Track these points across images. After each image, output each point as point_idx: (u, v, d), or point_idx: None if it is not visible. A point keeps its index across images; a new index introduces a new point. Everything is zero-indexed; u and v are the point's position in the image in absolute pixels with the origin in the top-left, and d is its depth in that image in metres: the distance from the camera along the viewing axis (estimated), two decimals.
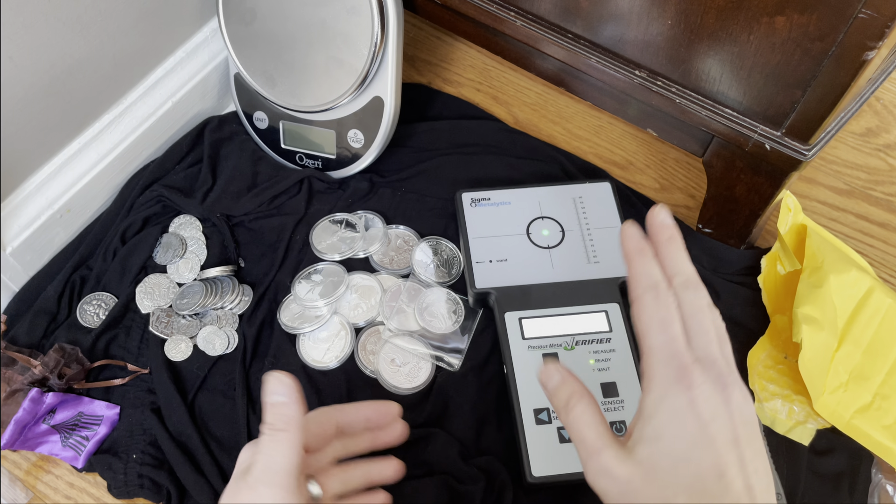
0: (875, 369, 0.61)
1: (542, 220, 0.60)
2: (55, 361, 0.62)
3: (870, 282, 0.64)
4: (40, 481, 0.62)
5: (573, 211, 0.61)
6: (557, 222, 0.60)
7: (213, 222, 0.73)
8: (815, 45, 0.52)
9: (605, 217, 0.61)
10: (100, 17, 0.65)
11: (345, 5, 0.67)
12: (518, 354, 0.54)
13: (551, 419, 0.51)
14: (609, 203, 0.62)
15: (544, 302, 0.56)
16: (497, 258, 0.58)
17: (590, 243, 0.59)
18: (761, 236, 0.75)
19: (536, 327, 0.55)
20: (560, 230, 0.59)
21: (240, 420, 0.62)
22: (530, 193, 0.62)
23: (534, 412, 0.52)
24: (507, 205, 0.61)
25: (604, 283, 0.57)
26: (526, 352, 0.54)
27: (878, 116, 0.83)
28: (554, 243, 0.59)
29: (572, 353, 0.54)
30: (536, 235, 0.59)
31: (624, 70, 0.63)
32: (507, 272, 0.57)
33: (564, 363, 0.48)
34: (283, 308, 0.68)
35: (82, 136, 0.70)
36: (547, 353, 0.54)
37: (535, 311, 0.55)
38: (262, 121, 0.77)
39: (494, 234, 0.59)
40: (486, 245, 0.59)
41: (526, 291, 0.56)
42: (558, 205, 0.61)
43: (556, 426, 0.51)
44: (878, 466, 0.61)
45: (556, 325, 0.55)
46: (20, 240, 0.67)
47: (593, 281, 0.57)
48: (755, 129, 0.60)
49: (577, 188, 0.63)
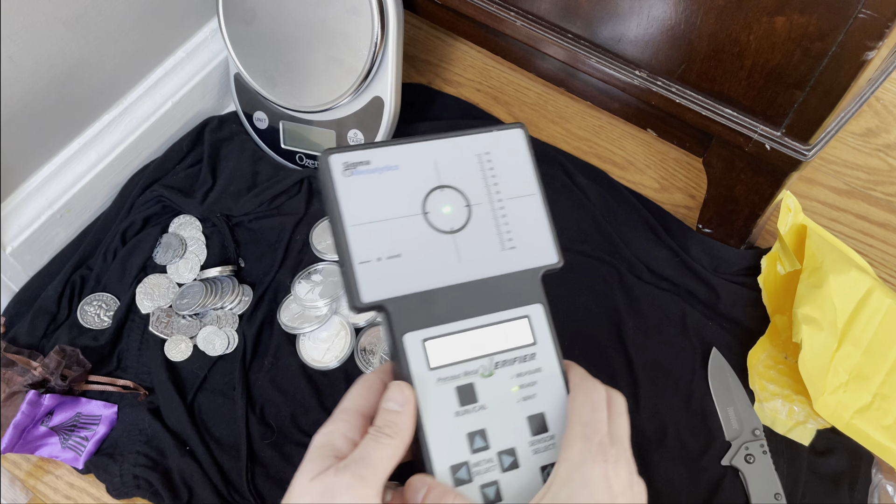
0: (875, 369, 0.61)
1: (441, 192, 0.43)
2: (56, 363, 0.62)
3: (870, 282, 0.64)
4: (40, 482, 0.62)
5: (479, 174, 0.44)
6: (461, 193, 0.43)
7: (213, 222, 0.73)
8: (815, 45, 0.52)
9: (519, 180, 0.45)
10: (100, 18, 0.65)
11: (345, 5, 0.67)
12: (425, 391, 0.40)
13: (471, 477, 0.39)
14: (523, 159, 0.45)
15: (452, 313, 0.41)
16: (387, 254, 0.41)
17: (503, 221, 0.43)
18: (761, 236, 0.75)
19: (444, 350, 0.41)
20: (465, 204, 0.43)
21: (239, 420, 0.62)
22: (422, 150, 0.43)
23: (450, 469, 0.39)
24: (394, 170, 0.43)
25: (523, 276, 0.43)
26: (435, 387, 0.40)
27: (878, 116, 0.83)
28: (459, 225, 0.42)
29: (491, 382, 0.41)
30: (436, 215, 0.42)
31: (624, 70, 0.63)
32: (401, 274, 0.41)
33: (484, 397, 0.40)
34: (282, 308, 0.68)
35: (82, 136, 0.70)
36: (461, 384, 0.40)
37: (442, 328, 0.41)
38: (262, 121, 0.77)
39: (381, 218, 0.42)
40: (371, 235, 0.41)
41: (428, 299, 0.41)
42: (460, 167, 0.44)
43: (479, 484, 0.39)
44: (878, 466, 0.61)
45: (468, 344, 0.41)
46: (20, 240, 0.67)
47: (511, 275, 0.43)
48: (755, 129, 0.60)
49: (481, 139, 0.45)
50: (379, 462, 0.36)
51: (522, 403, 0.41)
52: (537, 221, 0.43)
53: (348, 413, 0.39)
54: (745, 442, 0.61)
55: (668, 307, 0.68)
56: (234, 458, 0.61)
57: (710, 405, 0.64)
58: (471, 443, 0.39)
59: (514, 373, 0.41)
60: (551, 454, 0.40)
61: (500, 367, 0.41)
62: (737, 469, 0.61)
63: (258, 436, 0.62)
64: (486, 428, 0.39)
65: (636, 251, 0.71)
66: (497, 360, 0.41)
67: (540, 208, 0.44)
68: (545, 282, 0.44)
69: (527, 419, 0.41)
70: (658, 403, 0.64)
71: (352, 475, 0.35)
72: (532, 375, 0.42)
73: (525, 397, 0.41)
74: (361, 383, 0.41)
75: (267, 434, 0.62)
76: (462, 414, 0.39)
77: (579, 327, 0.67)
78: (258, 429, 0.62)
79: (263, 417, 0.63)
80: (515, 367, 0.42)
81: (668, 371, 0.65)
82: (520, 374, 0.42)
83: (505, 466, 0.39)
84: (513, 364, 0.42)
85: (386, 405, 0.38)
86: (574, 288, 0.69)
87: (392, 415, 0.38)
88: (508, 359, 0.42)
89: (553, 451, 0.41)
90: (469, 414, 0.39)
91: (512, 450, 0.39)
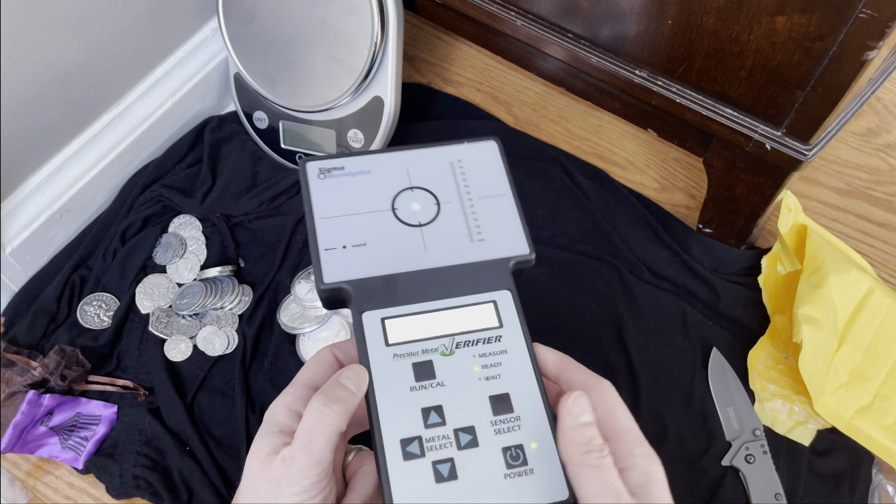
0: (875, 369, 0.61)
1: (411, 192, 0.46)
2: (55, 363, 0.62)
3: (870, 282, 0.64)
4: (40, 482, 0.62)
5: (451, 178, 0.47)
6: (431, 193, 0.46)
7: (213, 222, 0.73)
8: (816, 44, 0.52)
9: (491, 183, 0.47)
10: (99, 18, 0.65)
11: (345, 5, 0.67)
12: (380, 366, 0.41)
13: (424, 451, 0.39)
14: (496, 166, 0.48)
15: (414, 295, 0.43)
16: (353, 242, 0.44)
17: (472, 217, 0.45)
18: (762, 236, 0.75)
19: (404, 329, 0.42)
20: (434, 202, 0.46)
21: (239, 420, 0.62)
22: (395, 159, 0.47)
23: (400, 443, 0.39)
24: (366, 174, 0.47)
25: (492, 265, 0.44)
26: (391, 362, 0.41)
27: (878, 116, 0.83)
28: (427, 219, 0.45)
29: (451, 360, 0.41)
30: (404, 211, 0.45)
31: (624, 70, 0.63)
32: (365, 260, 0.44)
33: (442, 374, 0.40)
34: (282, 308, 0.68)
35: (82, 136, 0.70)
36: (418, 361, 0.41)
37: (403, 308, 0.43)
38: (262, 121, 0.77)
39: (349, 213, 0.45)
40: (339, 227, 0.45)
41: (390, 283, 0.43)
42: (432, 172, 0.47)
43: (431, 460, 0.38)
44: (879, 467, 0.61)
45: (429, 325, 0.42)
46: (20, 240, 0.67)
47: (478, 264, 0.44)
48: (755, 128, 0.60)
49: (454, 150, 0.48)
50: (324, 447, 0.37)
51: (485, 382, 0.41)
52: (508, 217, 0.43)
53: (295, 385, 0.40)
54: (745, 442, 0.61)
55: (668, 307, 0.68)
56: (234, 458, 0.61)
57: (711, 405, 0.64)
58: (425, 417, 0.38)
59: (476, 353, 0.41)
60: (515, 436, 0.39)
61: (461, 347, 0.42)
62: (737, 469, 0.61)
63: None
64: (443, 404, 0.39)
65: (636, 251, 0.71)
66: (458, 340, 0.42)
67: (511, 206, 0.44)
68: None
69: (489, 398, 0.40)
70: (658, 403, 0.64)
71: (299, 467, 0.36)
72: (497, 357, 0.42)
73: (488, 377, 0.41)
74: (313, 358, 0.41)
75: None
76: (417, 389, 0.39)
77: (579, 327, 0.67)
78: (258, 429, 0.62)
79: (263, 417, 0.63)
80: (478, 348, 0.42)
81: (668, 371, 0.65)
82: (483, 354, 0.41)
83: (462, 444, 0.38)
84: (475, 345, 0.42)
85: (342, 380, 0.38)
86: (574, 288, 0.69)
87: (345, 392, 0.38)
88: (471, 339, 0.42)
89: (517, 434, 0.40)
90: (425, 390, 0.39)
91: (471, 428, 0.39)
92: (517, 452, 0.39)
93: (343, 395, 0.37)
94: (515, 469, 0.38)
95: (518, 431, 0.39)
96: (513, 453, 0.39)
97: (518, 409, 0.40)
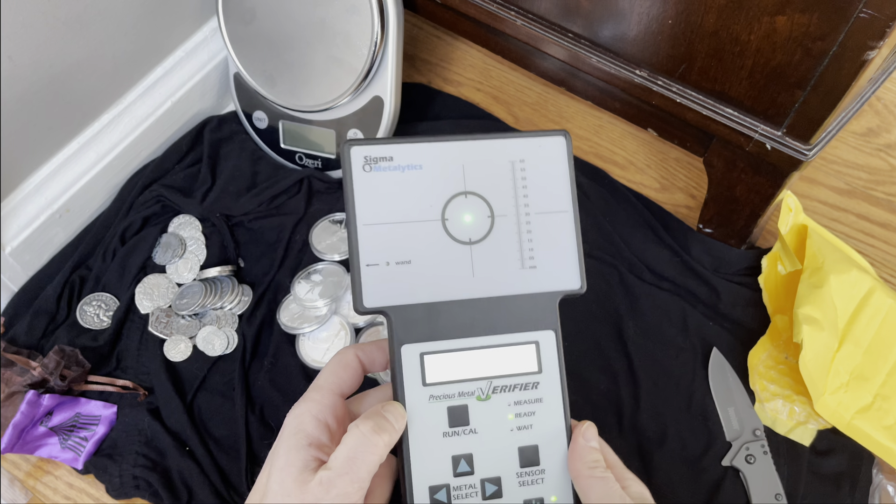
0: (876, 370, 0.61)
1: (464, 198, 0.41)
2: (55, 363, 0.62)
3: (870, 282, 0.64)
4: (40, 482, 0.62)
5: (510, 183, 0.41)
6: (486, 201, 0.41)
7: (213, 222, 0.73)
8: (816, 44, 0.52)
9: (553, 195, 0.42)
10: (99, 17, 0.65)
11: (345, 5, 0.67)
12: (416, 406, 0.39)
13: (451, 500, 0.38)
14: (561, 172, 0.42)
15: (457, 329, 0.40)
16: (397, 259, 0.40)
17: (527, 237, 0.41)
18: (762, 236, 0.75)
19: (442, 367, 0.40)
20: (489, 214, 0.41)
21: (239, 420, 0.62)
22: (452, 152, 0.41)
23: (429, 490, 0.38)
24: (418, 170, 0.41)
25: (540, 299, 0.41)
26: (426, 403, 0.39)
27: (878, 116, 0.83)
28: (479, 236, 0.40)
29: (486, 406, 0.40)
30: (455, 223, 0.40)
31: (625, 69, 0.63)
32: (408, 282, 0.40)
33: (476, 421, 0.39)
34: (282, 308, 0.67)
35: (81, 136, 0.70)
36: (454, 405, 0.39)
37: (443, 344, 0.40)
38: (262, 120, 0.77)
39: (396, 220, 0.40)
40: (383, 237, 0.40)
41: (433, 312, 0.40)
42: (490, 173, 0.41)
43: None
44: (879, 467, 0.61)
45: (468, 364, 0.40)
46: (19, 240, 0.67)
47: (526, 296, 0.41)
48: (756, 128, 0.60)
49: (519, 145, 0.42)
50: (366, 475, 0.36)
51: (516, 433, 0.40)
52: (565, 241, 0.41)
53: (321, 392, 0.38)
54: (745, 442, 0.61)
55: (668, 307, 0.68)
56: (234, 458, 0.61)
57: (711, 405, 0.64)
58: (455, 466, 0.38)
59: (512, 400, 0.40)
60: (538, 489, 0.39)
61: (497, 392, 0.40)
62: (737, 469, 0.61)
63: (258, 436, 0.62)
64: (474, 453, 0.39)
65: (636, 251, 0.71)
66: (496, 385, 0.40)
67: (570, 227, 0.41)
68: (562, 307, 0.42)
69: (518, 449, 0.40)
70: (658, 404, 0.64)
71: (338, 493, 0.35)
72: (531, 405, 0.40)
73: (520, 427, 0.40)
74: (337, 360, 0.40)
75: (266, 434, 0.62)
76: (451, 435, 0.39)
77: (579, 327, 0.67)
78: (258, 429, 0.62)
79: (263, 418, 0.63)
80: (514, 395, 0.40)
81: (668, 371, 0.65)
82: (518, 402, 0.40)
83: (487, 494, 0.38)
84: (512, 391, 0.40)
85: (387, 415, 0.37)
86: None
87: (389, 425, 0.37)
88: (508, 385, 0.40)
89: (540, 487, 0.40)
90: (458, 436, 0.39)
91: (497, 479, 0.39)
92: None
93: (388, 427, 0.37)
94: None
95: (541, 485, 0.40)
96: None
97: (544, 463, 0.40)
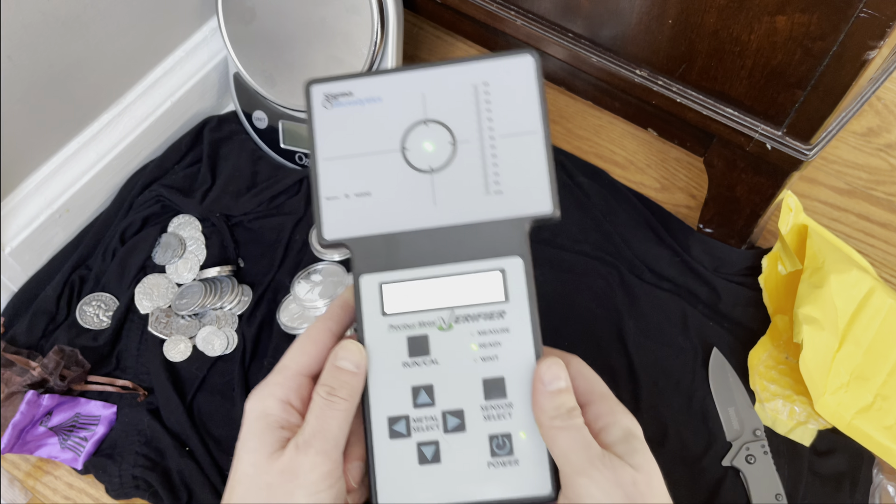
0: (876, 370, 0.61)
1: (425, 126, 0.40)
2: (55, 363, 0.62)
3: (871, 282, 0.64)
4: (39, 482, 0.62)
5: (473, 108, 0.40)
6: (447, 128, 0.40)
7: (213, 222, 0.72)
8: (817, 44, 0.52)
9: (519, 116, 0.40)
10: (99, 17, 0.65)
11: (345, 4, 0.67)
12: (375, 337, 0.39)
13: (410, 431, 0.38)
14: (529, 93, 0.40)
15: (417, 258, 0.39)
16: (356, 191, 0.40)
17: (492, 161, 0.39)
18: (762, 236, 0.74)
19: (402, 297, 0.39)
20: (450, 141, 0.40)
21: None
22: (411, 82, 0.41)
23: (388, 421, 0.38)
24: (377, 102, 0.41)
25: (506, 225, 0.39)
26: (385, 333, 0.39)
27: (879, 116, 0.83)
28: (439, 164, 0.40)
29: (448, 336, 0.38)
30: (415, 152, 0.40)
31: (625, 69, 0.63)
32: (368, 213, 0.40)
33: (437, 351, 0.38)
34: (282, 308, 0.67)
35: (81, 136, 0.70)
36: (414, 335, 0.38)
37: (403, 273, 0.39)
38: (262, 120, 0.77)
39: (355, 153, 0.40)
40: (343, 170, 0.40)
41: (392, 243, 0.40)
42: (451, 99, 0.40)
43: (416, 441, 0.37)
44: (879, 467, 0.61)
45: (429, 293, 0.39)
46: (19, 240, 0.67)
47: (492, 223, 0.39)
48: (756, 128, 0.60)
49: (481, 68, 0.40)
50: (339, 432, 0.35)
51: (480, 364, 0.38)
52: (533, 163, 0.38)
53: (285, 373, 0.37)
54: (745, 442, 0.61)
55: (668, 307, 0.68)
56: None
57: (711, 405, 0.64)
58: (415, 397, 0.37)
59: (475, 329, 0.38)
60: (504, 424, 0.38)
61: (460, 321, 0.39)
62: (738, 470, 0.61)
63: None
64: (434, 384, 0.37)
65: (637, 251, 0.71)
66: (459, 314, 0.39)
67: (539, 148, 0.39)
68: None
69: (482, 381, 0.38)
70: (659, 404, 0.63)
71: (316, 452, 0.34)
72: (496, 335, 0.38)
73: (484, 357, 0.38)
74: (304, 336, 0.39)
75: None
76: (410, 366, 0.38)
77: (579, 327, 0.67)
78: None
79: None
80: (478, 324, 0.39)
81: (668, 371, 0.65)
82: (482, 331, 0.38)
83: (449, 427, 0.37)
84: (476, 320, 0.39)
85: (340, 363, 0.36)
86: (574, 288, 0.69)
87: (346, 375, 0.36)
88: (472, 314, 0.39)
89: (507, 422, 0.38)
90: (418, 367, 0.38)
91: (460, 411, 0.37)
92: (504, 441, 0.38)
93: (346, 378, 0.36)
94: (500, 458, 0.37)
95: (508, 419, 0.38)
96: (499, 441, 0.38)
97: (511, 396, 0.38)
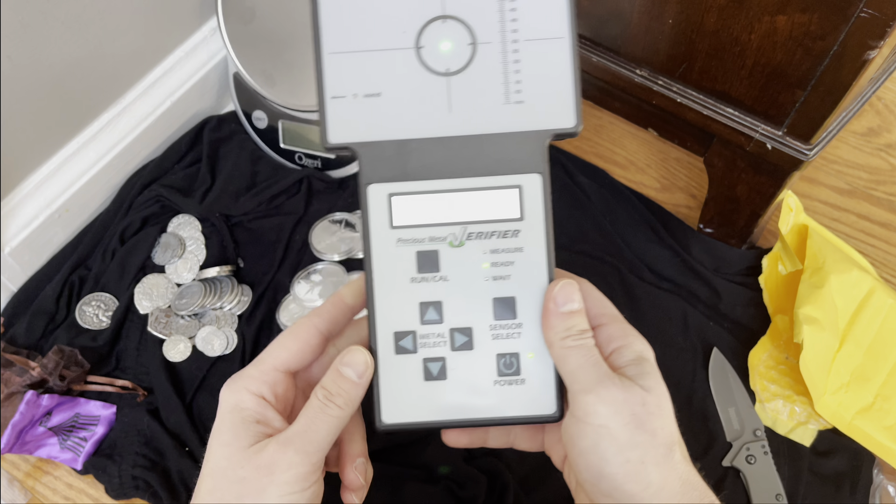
0: (876, 370, 0.61)
1: (442, 23, 0.37)
2: (54, 363, 0.62)
3: (871, 282, 0.63)
4: (39, 482, 0.62)
5: (496, 6, 0.37)
6: (467, 26, 0.37)
7: (212, 222, 0.72)
8: (817, 44, 0.52)
9: (547, 18, 0.37)
10: (98, 17, 0.65)
11: None
12: (382, 250, 0.37)
13: (417, 348, 0.37)
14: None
15: (430, 169, 0.37)
16: (365, 91, 0.37)
17: (514, 67, 0.36)
18: (763, 236, 0.74)
19: (412, 209, 0.37)
20: (470, 41, 0.37)
21: None
22: None
23: (394, 336, 0.37)
24: None
25: (526, 138, 0.37)
26: (394, 247, 0.37)
27: (879, 116, 0.83)
28: (458, 66, 0.37)
29: (460, 253, 0.37)
30: (431, 51, 0.37)
31: (625, 69, 0.63)
32: (377, 116, 0.37)
33: (447, 268, 0.37)
34: (282, 308, 0.67)
35: (81, 136, 0.70)
36: (423, 249, 0.37)
37: (414, 185, 0.37)
38: (262, 120, 0.77)
39: (364, 47, 0.37)
40: (351, 66, 0.37)
41: (404, 150, 0.37)
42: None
43: (423, 357, 0.37)
44: (880, 467, 0.61)
45: (441, 207, 0.37)
46: (19, 240, 0.67)
47: (510, 135, 0.37)
48: (756, 128, 0.60)
49: None
50: (325, 436, 0.34)
51: (492, 283, 0.37)
52: (559, 72, 0.36)
53: (261, 367, 0.36)
54: (746, 442, 0.61)
55: (669, 307, 0.68)
56: None
57: (711, 406, 0.63)
58: (423, 313, 0.37)
59: (488, 247, 0.37)
60: (513, 343, 0.37)
61: (472, 238, 0.37)
62: (738, 470, 0.60)
63: None
64: (443, 301, 0.37)
65: (637, 251, 0.71)
66: (471, 231, 0.37)
67: (566, 56, 0.36)
68: None
69: (493, 300, 0.37)
70: None
71: (296, 451, 0.33)
72: (510, 255, 0.37)
73: (496, 276, 0.37)
74: (287, 332, 0.37)
75: None
76: (419, 281, 0.37)
77: None
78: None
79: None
80: (491, 242, 0.37)
81: (668, 371, 0.65)
82: (495, 250, 0.37)
83: (457, 345, 0.37)
84: (489, 238, 0.37)
85: (343, 370, 0.35)
86: None
87: (347, 384, 0.35)
88: (485, 231, 0.37)
89: (516, 341, 0.37)
90: (427, 283, 0.37)
91: (468, 329, 0.37)
92: (511, 361, 0.37)
93: (346, 387, 0.35)
94: (506, 377, 0.37)
95: (517, 339, 0.37)
96: (507, 361, 0.37)
97: (522, 316, 0.37)
